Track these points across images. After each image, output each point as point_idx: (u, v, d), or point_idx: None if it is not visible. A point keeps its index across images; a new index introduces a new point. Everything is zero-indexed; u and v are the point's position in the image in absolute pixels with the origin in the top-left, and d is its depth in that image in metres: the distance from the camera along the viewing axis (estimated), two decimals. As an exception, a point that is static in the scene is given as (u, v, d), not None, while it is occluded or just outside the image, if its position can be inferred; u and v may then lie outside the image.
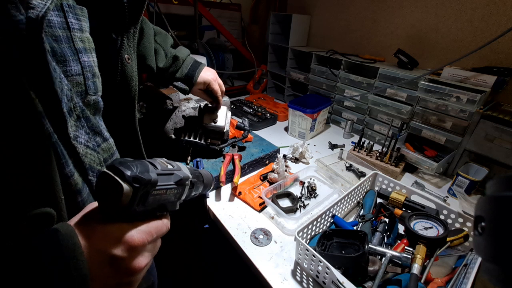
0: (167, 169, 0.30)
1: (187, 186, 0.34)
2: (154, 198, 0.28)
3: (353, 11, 1.36)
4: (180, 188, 0.32)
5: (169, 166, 0.31)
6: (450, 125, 0.94)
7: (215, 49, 1.54)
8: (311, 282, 0.57)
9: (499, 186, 0.21)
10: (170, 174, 0.30)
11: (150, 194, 0.27)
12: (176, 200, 0.33)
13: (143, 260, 0.28)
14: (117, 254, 0.25)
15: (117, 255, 0.25)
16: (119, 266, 0.26)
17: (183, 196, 0.34)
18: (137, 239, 0.26)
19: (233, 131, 1.06)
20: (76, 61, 0.34)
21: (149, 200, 0.27)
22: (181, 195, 0.33)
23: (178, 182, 0.31)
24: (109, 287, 0.26)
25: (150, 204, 0.28)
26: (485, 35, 0.95)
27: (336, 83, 1.29)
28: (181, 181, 0.32)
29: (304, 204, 0.81)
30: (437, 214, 0.67)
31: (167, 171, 0.30)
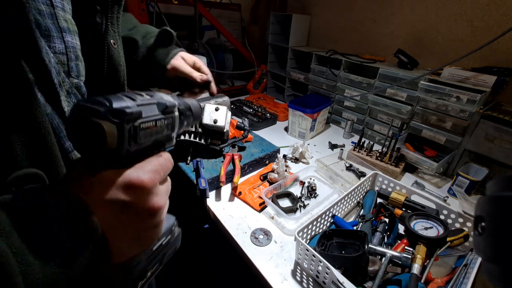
0: (147, 99, 0.26)
1: (177, 115, 0.30)
2: (145, 133, 0.24)
3: (353, 11, 1.36)
4: (170, 117, 0.28)
5: (147, 97, 0.26)
6: (450, 125, 0.94)
7: (215, 49, 1.54)
8: (311, 282, 0.57)
9: (499, 186, 0.21)
10: (153, 103, 0.26)
11: (140, 128, 0.23)
12: (170, 133, 0.29)
13: (160, 200, 0.25)
14: (128, 199, 0.23)
15: (129, 201, 0.23)
16: (135, 211, 0.24)
17: (176, 127, 0.30)
18: (146, 179, 0.24)
19: (233, 131, 1.06)
20: (60, 38, 0.33)
21: (140, 136, 0.24)
22: (173, 126, 0.29)
23: (165, 111, 0.27)
24: (134, 234, 0.25)
25: (143, 140, 0.24)
26: (485, 35, 0.95)
27: (336, 83, 1.29)
28: (168, 109, 0.28)
29: (304, 204, 0.81)
30: (437, 214, 0.67)
31: (147, 101, 0.25)
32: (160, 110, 0.27)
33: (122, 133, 0.22)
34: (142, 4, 1.12)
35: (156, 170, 0.25)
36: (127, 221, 0.24)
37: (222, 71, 1.58)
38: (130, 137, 0.22)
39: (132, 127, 0.22)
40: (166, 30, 0.65)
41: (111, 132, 0.21)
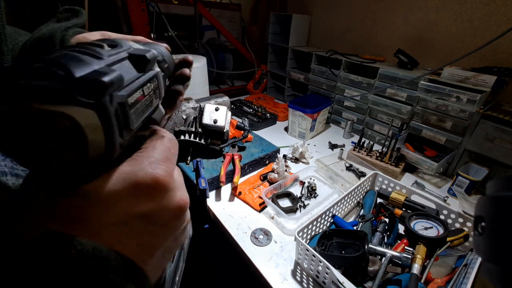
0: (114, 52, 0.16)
1: (159, 71, 0.21)
2: (136, 112, 0.16)
3: (353, 11, 1.36)
4: (153, 77, 0.19)
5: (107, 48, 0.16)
6: (450, 125, 0.94)
7: (215, 49, 1.54)
8: (311, 282, 0.57)
9: (499, 186, 0.21)
10: (123, 58, 0.16)
11: (128, 105, 0.15)
12: (159, 101, 0.21)
13: (183, 194, 0.19)
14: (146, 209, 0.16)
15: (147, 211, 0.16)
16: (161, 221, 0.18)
17: (162, 88, 0.21)
18: (160, 174, 0.17)
19: (233, 131, 1.06)
20: None
21: (132, 118, 0.15)
22: (160, 89, 0.20)
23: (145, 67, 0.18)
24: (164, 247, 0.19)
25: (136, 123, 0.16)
26: (485, 35, 0.95)
27: (336, 83, 1.29)
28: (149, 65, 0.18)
29: (304, 204, 0.81)
30: (437, 214, 0.67)
31: (117, 56, 0.16)
32: (138, 68, 0.17)
33: (108, 122, 0.13)
34: (142, 4, 1.12)
35: (166, 157, 0.18)
36: (153, 237, 0.17)
37: (222, 71, 1.59)
38: (120, 124, 0.14)
39: (118, 106, 0.14)
40: None
41: (92, 124, 0.12)
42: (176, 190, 0.19)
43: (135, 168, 0.16)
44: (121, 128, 0.14)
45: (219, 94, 1.18)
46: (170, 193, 0.18)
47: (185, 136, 0.87)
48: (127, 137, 0.15)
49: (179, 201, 0.18)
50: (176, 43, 1.39)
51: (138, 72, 0.17)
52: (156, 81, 0.19)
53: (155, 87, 0.19)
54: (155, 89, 0.19)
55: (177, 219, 0.19)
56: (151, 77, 0.18)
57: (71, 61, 0.12)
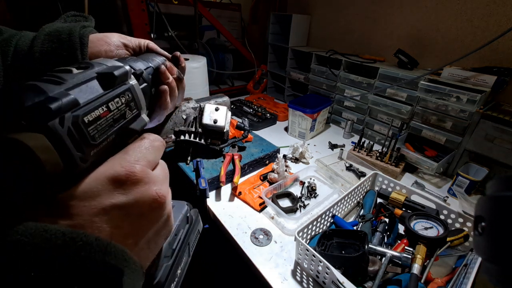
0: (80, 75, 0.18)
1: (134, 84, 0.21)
2: (97, 127, 0.17)
3: (353, 11, 1.36)
4: (125, 90, 0.20)
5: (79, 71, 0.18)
6: (450, 125, 0.94)
7: (215, 49, 1.54)
8: (311, 282, 0.57)
9: (499, 186, 0.21)
10: (91, 79, 0.18)
11: (84, 123, 0.16)
12: (137, 112, 0.22)
13: (161, 188, 0.21)
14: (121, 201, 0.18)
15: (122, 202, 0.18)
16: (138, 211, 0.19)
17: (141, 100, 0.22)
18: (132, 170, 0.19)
19: (233, 131, 1.06)
20: None
21: (92, 134, 0.17)
22: (137, 101, 0.22)
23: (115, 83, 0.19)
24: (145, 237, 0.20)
25: (100, 138, 0.18)
26: (485, 35, 0.95)
27: (336, 83, 1.29)
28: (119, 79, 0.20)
29: (304, 204, 0.81)
30: (437, 214, 0.67)
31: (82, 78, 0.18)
32: (106, 85, 0.19)
33: (60, 143, 0.15)
34: (142, 4, 1.12)
35: (142, 156, 0.21)
36: (133, 226, 0.19)
37: (222, 71, 1.59)
38: (76, 141, 0.16)
39: (71, 126, 0.15)
40: None
41: (42, 148, 0.14)
42: (152, 184, 0.20)
43: (107, 167, 0.19)
44: (80, 145, 0.16)
45: (219, 94, 1.17)
46: (145, 186, 0.20)
47: (185, 136, 0.87)
48: (93, 151, 0.17)
49: (155, 195, 0.20)
50: (176, 43, 1.39)
51: (105, 89, 0.19)
52: (129, 94, 0.21)
53: (128, 100, 0.20)
54: (128, 102, 0.20)
55: (154, 211, 0.20)
56: (121, 92, 0.20)
57: (28, 92, 0.14)
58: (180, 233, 0.27)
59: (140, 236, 0.20)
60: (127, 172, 0.19)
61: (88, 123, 0.17)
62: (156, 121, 0.34)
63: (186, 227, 0.29)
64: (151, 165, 0.21)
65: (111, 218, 0.18)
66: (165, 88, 0.33)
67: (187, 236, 0.28)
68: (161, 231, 0.22)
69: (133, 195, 0.19)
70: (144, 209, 0.20)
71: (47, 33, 0.35)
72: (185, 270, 0.28)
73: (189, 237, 0.29)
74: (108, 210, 0.18)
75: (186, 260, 0.28)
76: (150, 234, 0.21)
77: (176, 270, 0.26)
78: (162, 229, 0.22)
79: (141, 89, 0.23)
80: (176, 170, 0.90)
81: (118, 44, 0.39)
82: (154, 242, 0.22)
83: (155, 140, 0.23)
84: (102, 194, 0.18)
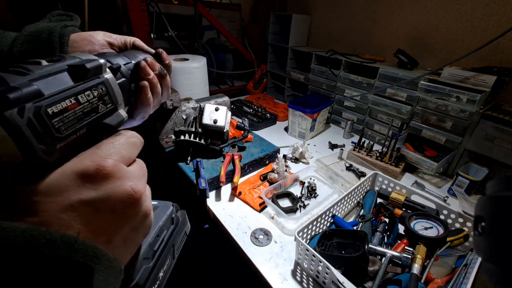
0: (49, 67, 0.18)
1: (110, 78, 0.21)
2: (63, 120, 0.17)
3: (353, 11, 1.36)
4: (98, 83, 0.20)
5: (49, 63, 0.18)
6: (450, 125, 0.94)
7: (215, 49, 1.54)
8: (311, 282, 0.57)
9: (499, 186, 0.21)
10: (61, 71, 0.18)
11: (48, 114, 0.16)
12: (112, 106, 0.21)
13: (136, 184, 0.20)
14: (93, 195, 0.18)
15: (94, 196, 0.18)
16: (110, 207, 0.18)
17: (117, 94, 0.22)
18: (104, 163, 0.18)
19: (233, 131, 1.06)
20: None
21: (56, 126, 0.17)
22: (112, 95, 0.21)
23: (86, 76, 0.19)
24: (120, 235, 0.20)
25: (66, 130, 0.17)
26: (485, 35, 0.95)
27: (336, 83, 1.29)
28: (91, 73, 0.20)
29: (304, 204, 0.81)
30: (437, 214, 0.67)
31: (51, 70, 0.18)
32: (76, 78, 0.19)
33: (19, 133, 0.14)
34: (142, 4, 1.12)
35: (115, 151, 0.20)
36: (105, 223, 0.19)
37: (222, 71, 1.59)
38: (37, 133, 0.15)
39: (32, 117, 0.15)
40: None
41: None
42: (126, 180, 0.19)
43: (76, 162, 0.18)
44: (42, 137, 0.16)
45: (219, 94, 1.18)
46: (117, 182, 0.19)
47: (185, 136, 0.87)
48: (59, 144, 0.17)
49: (130, 190, 0.19)
50: (176, 43, 1.39)
51: (76, 81, 0.18)
52: (103, 88, 0.20)
53: (102, 94, 0.20)
54: (101, 96, 0.20)
55: (129, 208, 0.20)
56: (94, 85, 0.20)
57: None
58: (163, 234, 0.27)
59: (114, 233, 0.19)
60: (97, 166, 0.18)
61: (52, 114, 0.16)
62: (140, 118, 0.33)
63: (171, 228, 0.28)
64: (126, 161, 0.21)
65: (80, 215, 0.17)
66: (144, 83, 0.32)
67: (171, 238, 0.27)
68: (139, 228, 0.21)
69: (104, 190, 0.18)
70: (116, 205, 0.19)
71: (28, 33, 0.34)
72: (168, 273, 0.27)
73: (174, 238, 0.28)
74: (76, 206, 0.17)
75: (170, 262, 0.27)
76: (125, 231, 0.20)
77: (158, 272, 0.25)
78: (139, 226, 0.21)
79: (118, 83, 0.22)
80: (176, 170, 0.90)
81: (103, 43, 0.38)
82: (131, 240, 0.21)
83: (131, 137, 0.22)
84: (69, 189, 0.17)
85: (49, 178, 0.17)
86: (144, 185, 0.21)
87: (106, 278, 0.17)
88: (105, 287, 0.17)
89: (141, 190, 0.20)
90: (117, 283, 0.18)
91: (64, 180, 0.17)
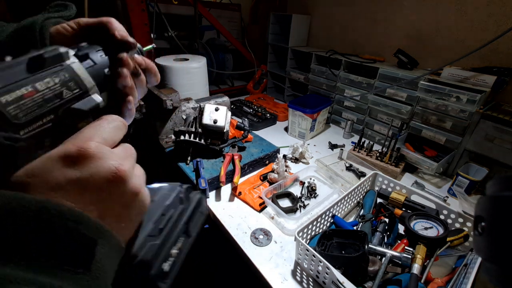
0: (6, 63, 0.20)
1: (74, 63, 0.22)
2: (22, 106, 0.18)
3: (353, 11, 1.36)
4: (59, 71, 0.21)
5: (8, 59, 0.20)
6: (450, 125, 0.94)
7: (215, 49, 1.54)
8: (311, 282, 0.57)
9: (499, 186, 0.21)
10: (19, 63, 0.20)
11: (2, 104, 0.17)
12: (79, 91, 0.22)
13: (121, 163, 0.21)
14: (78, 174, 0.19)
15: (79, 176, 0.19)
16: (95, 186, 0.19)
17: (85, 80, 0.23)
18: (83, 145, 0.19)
19: (233, 131, 1.06)
20: None
21: (12, 113, 0.18)
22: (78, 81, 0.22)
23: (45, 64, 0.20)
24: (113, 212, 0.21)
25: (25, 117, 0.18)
26: (485, 35, 0.95)
27: (336, 83, 1.29)
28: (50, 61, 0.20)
29: (304, 204, 0.81)
30: (437, 214, 0.67)
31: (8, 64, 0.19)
32: (34, 67, 0.20)
33: None
34: (142, 4, 1.12)
35: (96, 134, 0.21)
36: (94, 200, 0.19)
37: (222, 71, 1.59)
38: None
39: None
40: None
41: None
42: (109, 160, 0.20)
43: (60, 148, 0.19)
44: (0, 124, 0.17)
45: (219, 94, 1.18)
46: (99, 161, 0.20)
47: (185, 136, 0.87)
48: (23, 130, 0.18)
49: (112, 169, 0.20)
50: (176, 43, 1.39)
51: (32, 71, 0.20)
52: (65, 75, 0.21)
53: (65, 80, 0.21)
54: (64, 82, 0.21)
55: (114, 186, 0.20)
56: (53, 72, 0.20)
57: None
58: (169, 213, 0.27)
59: (105, 210, 0.20)
60: (79, 148, 0.19)
61: (6, 103, 0.17)
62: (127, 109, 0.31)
63: (180, 208, 0.29)
64: (109, 143, 0.22)
65: (68, 193, 0.18)
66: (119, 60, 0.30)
67: (181, 216, 0.28)
68: (131, 205, 0.22)
69: (87, 170, 0.19)
70: (101, 183, 0.19)
71: (15, 28, 0.34)
72: (184, 251, 0.28)
73: (185, 217, 0.29)
74: (64, 184, 0.18)
75: (185, 241, 0.28)
76: (117, 209, 0.21)
77: (170, 249, 0.26)
78: (131, 204, 0.22)
79: (86, 69, 0.23)
80: (176, 170, 0.90)
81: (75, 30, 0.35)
82: (125, 217, 0.22)
83: (113, 120, 0.23)
84: (54, 170, 0.18)
85: (35, 162, 0.18)
86: (131, 165, 0.22)
87: (107, 251, 0.18)
88: (106, 260, 0.18)
89: (125, 169, 0.21)
90: (117, 257, 0.20)
91: (49, 162, 0.18)
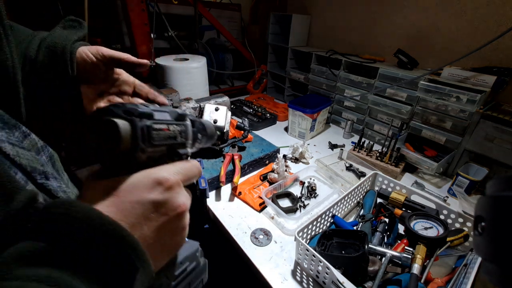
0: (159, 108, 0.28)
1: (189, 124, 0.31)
2: (158, 134, 0.25)
3: (353, 11, 1.36)
4: (182, 124, 0.29)
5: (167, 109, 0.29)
6: (450, 125, 0.94)
7: (215, 49, 1.54)
8: (311, 282, 0.57)
9: (499, 186, 0.21)
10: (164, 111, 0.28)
11: (152, 128, 0.24)
12: (184, 141, 0.30)
13: (187, 201, 0.26)
14: (157, 198, 0.23)
15: (157, 199, 0.23)
16: (164, 211, 0.23)
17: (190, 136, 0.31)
18: (171, 178, 0.24)
19: (233, 131, 1.06)
20: None
21: (154, 136, 0.24)
22: (187, 134, 0.30)
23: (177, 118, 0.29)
24: (163, 238, 0.24)
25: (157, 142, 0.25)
26: (485, 35, 0.95)
27: (336, 83, 1.29)
28: (180, 117, 0.29)
29: (304, 204, 0.81)
30: (437, 214, 0.67)
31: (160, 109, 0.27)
32: (172, 117, 0.28)
33: (135, 130, 0.23)
34: (142, 4, 1.12)
35: (180, 172, 0.26)
36: (157, 223, 0.23)
37: (222, 71, 1.58)
38: (143, 135, 0.23)
39: (145, 126, 0.24)
40: None
41: (125, 129, 0.22)
42: (181, 195, 0.25)
43: (156, 170, 0.24)
44: (144, 139, 0.24)
45: (219, 94, 1.18)
46: (174, 194, 0.24)
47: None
48: (149, 147, 0.24)
49: (181, 203, 0.25)
50: (176, 43, 1.39)
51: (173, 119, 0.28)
52: (183, 127, 0.29)
53: (182, 130, 0.29)
54: (181, 131, 0.29)
55: (176, 217, 0.25)
56: (179, 123, 0.29)
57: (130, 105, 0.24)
58: (185, 265, 0.31)
59: (159, 234, 0.23)
60: (167, 177, 0.24)
61: (154, 129, 0.24)
62: None
63: (193, 265, 0.32)
64: (186, 181, 0.27)
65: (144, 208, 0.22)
66: None
67: (189, 273, 0.32)
68: (176, 237, 0.26)
69: (166, 196, 0.24)
70: (168, 210, 0.24)
71: (47, 45, 0.39)
72: None
73: (190, 275, 0.32)
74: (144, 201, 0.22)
75: (204, 278, 0.33)
76: (167, 239, 0.25)
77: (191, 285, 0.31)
78: (177, 236, 0.26)
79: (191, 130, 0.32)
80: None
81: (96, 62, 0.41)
82: (167, 248, 0.25)
83: (195, 166, 0.29)
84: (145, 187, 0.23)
85: (135, 175, 0.23)
86: (189, 203, 0.27)
87: (143, 279, 0.21)
88: (139, 287, 0.20)
89: (187, 208, 0.26)
90: (147, 284, 0.22)
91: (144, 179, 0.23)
